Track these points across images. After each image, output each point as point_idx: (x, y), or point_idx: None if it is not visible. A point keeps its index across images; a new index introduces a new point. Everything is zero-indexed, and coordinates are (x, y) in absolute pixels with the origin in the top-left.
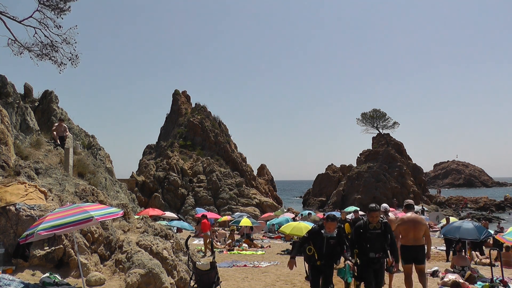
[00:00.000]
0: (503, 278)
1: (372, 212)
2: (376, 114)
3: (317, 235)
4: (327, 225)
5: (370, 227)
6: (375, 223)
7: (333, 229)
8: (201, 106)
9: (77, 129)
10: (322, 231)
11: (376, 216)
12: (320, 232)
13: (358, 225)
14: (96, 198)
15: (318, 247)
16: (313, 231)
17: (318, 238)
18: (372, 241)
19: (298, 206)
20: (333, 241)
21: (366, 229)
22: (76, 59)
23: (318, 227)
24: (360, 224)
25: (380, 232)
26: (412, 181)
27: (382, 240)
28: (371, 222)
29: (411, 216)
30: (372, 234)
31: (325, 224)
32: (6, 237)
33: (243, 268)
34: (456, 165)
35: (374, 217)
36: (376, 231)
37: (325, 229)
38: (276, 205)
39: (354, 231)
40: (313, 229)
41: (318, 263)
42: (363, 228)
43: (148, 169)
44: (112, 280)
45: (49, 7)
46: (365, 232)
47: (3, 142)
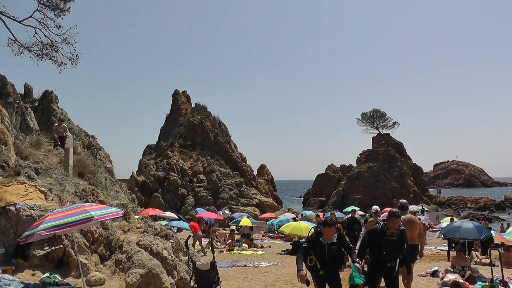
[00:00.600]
0: (503, 278)
1: (394, 218)
2: (376, 114)
3: (316, 243)
4: (324, 232)
5: (387, 233)
6: (394, 229)
7: (332, 235)
8: (201, 106)
9: (77, 129)
10: (321, 239)
11: (397, 222)
12: (319, 240)
13: (373, 229)
14: (96, 198)
15: (320, 256)
16: (311, 240)
17: (317, 246)
18: (386, 248)
19: (298, 206)
20: (334, 247)
21: (382, 234)
22: (76, 59)
23: (316, 235)
24: (376, 228)
25: (396, 240)
26: (412, 181)
27: (397, 248)
28: (389, 228)
29: (406, 217)
30: (388, 241)
31: (323, 231)
32: (6, 237)
33: (243, 268)
34: (456, 165)
35: (394, 223)
36: (392, 238)
37: (323, 236)
38: (276, 205)
39: (368, 235)
40: (311, 237)
41: (322, 272)
42: (379, 233)
43: (148, 169)
44: (112, 280)
45: (49, 7)
46: (380, 238)
47: (3, 142)
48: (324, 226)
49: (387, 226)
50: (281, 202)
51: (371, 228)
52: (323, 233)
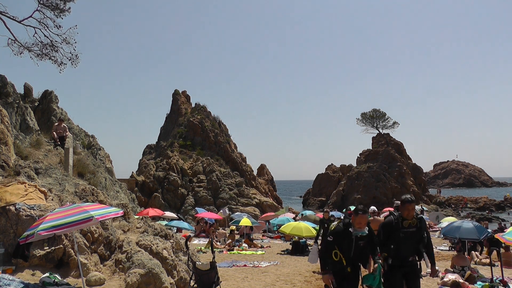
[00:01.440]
0: (503, 278)
1: (408, 204)
2: (376, 114)
3: (344, 236)
4: (356, 220)
5: (404, 224)
6: (411, 218)
7: (364, 225)
8: (201, 106)
9: (77, 129)
10: (351, 230)
11: (413, 209)
12: (348, 232)
13: (388, 222)
14: (96, 198)
15: (345, 251)
16: (338, 231)
17: (345, 239)
18: (406, 242)
19: (298, 206)
20: (362, 243)
21: (399, 226)
22: (76, 59)
23: (344, 226)
24: (391, 221)
25: (415, 231)
26: (412, 181)
27: (417, 240)
28: (405, 218)
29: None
30: (406, 233)
31: (354, 220)
32: (6, 237)
33: (243, 268)
34: (456, 165)
35: (410, 210)
36: (411, 230)
37: (353, 226)
38: (276, 205)
39: (383, 229)
40: (338, 228)
41: (349, 269)
42: (395, 226)
43: (148, 169)
44: (112, 280)
45: (49, 7)
46: (398, 231)
47: (3, 142)
48: (356, 214)
49: (403, 216)
50: (281, 202)
51: (385, 221)
52: (354, 222)
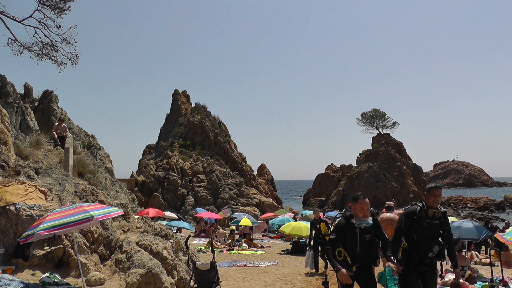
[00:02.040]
0: (503, 278)
1: (435, 190)
2: (376, 114)
3: (346, 230)
4: (358, 208)
5: (429, 213)
6: (436, 208)
7: (368, 212)
8: (201, 106)
9: (77, 129)
10: (353, 221)
11: (440, 195)
12: (351, 224)
13: (412, 210)
14: (96, 198)
15: (350, 247)
16: (340, 226)
17: (348, 233)
18: (428, 234)
19: (298, 206)
20: (368, 237)
21: (423, 216)
22: (76, 59)
23: (346, 219)
24: (415, 210)
25: (438, 224)
26: (412, 181)
27: (439, 234)
28: (431, 207)
29: (389, 216)
30: (430, 224)
31: (355, 209)
32: (6, 237)
33: (243, 268)
34: (456, 165)
35: (437, 196)
36: (434, 221)
37: (356, 216)
38: (276, 205)
39: (406, 217)
40: (339, 224)
41: (354, 268)
42: (419, 215)
43: (148, 169)
44: (112, 280)
45: (49, 7)
46: (421, 221)
47: (3, 142)
48: (355, 201)
49: (428, 204)
50: (281, 202)
51: (409, 209)
52: (356, 211)
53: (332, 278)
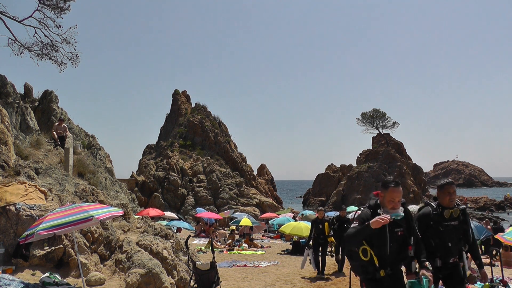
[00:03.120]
0: (503, 278)
1: (448, 187)
2: (376, 114)
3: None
4: (387, 197)
5: (445, 215)
6: (452, 207)
7: (399, 205)
8: (201, 106)
9: (77, 129)
10: (381, 212)
11: (455, 192)
12: (378, 215)
13: (425, 213)
14: (96, 198)
15: (377, 245)
16: (365, 217)
17: (375, 228)
18: (446, 238)
19: (298, 206)
20: (400, 231)
21: (439, 219)
22: (76, 59)
23: (371, 208)
24: (429, 212)
25: (458, 224)
26: (412, 181)
27: (459, 235)
28: (446, 207)
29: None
30: (448, 227)
31: (384, 197)
32: (6, 237)
33: (243, 268)
34: (456, 165)
35: (451, 194)
36: (453, 223)
37: (383, 207)
38: (276, 205)
39: (418, 223)
40: (364, 213)
41: (382, 273)
42: (434, 218)
43: (148, 169)
44: (112, 280)
45: (49, 7)
46: (438, 224)
47: (3, 142)
48: (386, 188)
49: (442, 204)
50: (281, 202)
51: (422, 212)
52: (385, 201)
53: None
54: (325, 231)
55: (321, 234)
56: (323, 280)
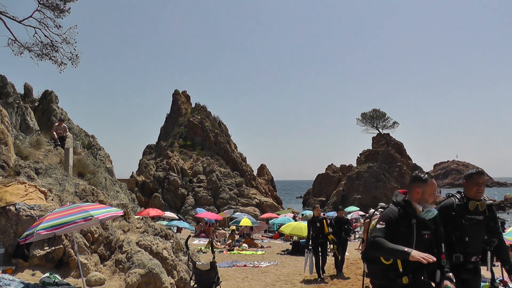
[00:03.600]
0: (503, 278)
1: (477, 177)
2: (376, 114)
3: (399, 222)
4: (429, 189)
5: (470, 207)
6: (479, 199)
7: (434, 200)
8: (201, 106)
9: (77, 129)
10: (419, 207)
11: (483, 184)
12: (407, 214)
13: (447, 204)
14: (96, 198)
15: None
16: (391, 215)
17: (401, 226)
18: (470, 233)
19: (298, 206)
20: (428, 234)
21: (463, 211)
22: (76, 59)
23: (399, 206)
24: (451, 203)
25: (483, 220)
26: None
27: (484, 233)
28: (472, 199)
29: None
30: (472, 221)
31: (425, 190)
32: (6, 237)
33: (243, 268)
34: (456, 165)
35: (480, 185)
36: (477, 217)
37: (422, 203)
38: (276, 205)
39: (441, 213)
40: (390, 211)
41: (405, 280)
42: (457, 210)
43: (148, 169)
44: (112, 280)
45: (49, 7)
46: (461, 217)
47: (3, 142)
48: (423, 181)
49: (468, 195)
50: (281, 202)
51: (444, 203)
52: (425, 194)
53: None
54: (324, 229)
55: (319, 233)
56: (323, 282)
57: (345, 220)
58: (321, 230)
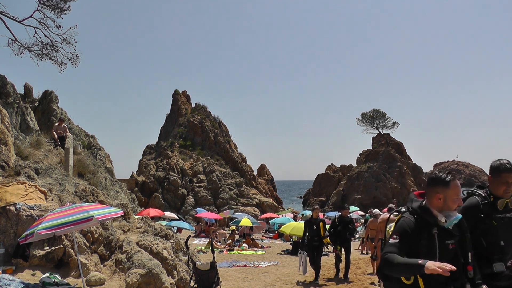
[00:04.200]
0: None
1: (506, 174)
2: (376, 114)
3: (418, 232)
4: (452, 192)
5: (499, 206)
6: (508, 197)
7: (459, 205)
8: (201, 106)
9: (77, 129)
10: (442, 218)
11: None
12: (427, 224)
13: (472, 204)
14: (96, 198)
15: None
16: (407, 225)
17: (421, 237)
18: (505, 236)
19: (298, 206)
20: (452, 243)
21: (491, 210)
22: (76, 59)
23: (416, 214)
24: (477, 202)
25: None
26: (412, 181)
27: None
28: (500, 196)
29: (387, 216)
30: (503, 219)
31: (447, 194)
32: (6, 237)
33: (243, 268)
34: (456, 165)
35: (509, 183)
36: (508, 215)
37: (444, 210)
38: (276, 205)
39: (466, 213)
40: (406, 221)
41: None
42: (484, 209)
43: (148, 169)
44: (112, 280)
45: (49, 7)
46: (489, 217)
47: (3, 142)
48: (445, 184)
49: (496, 193)
50: (281, 202)
51: (468, 204)
52: (448, 200)
53: None
54: (320, 232)
55: (315, 235)
56: (318, 286)
57: (349, 219)
58: (317, 233)
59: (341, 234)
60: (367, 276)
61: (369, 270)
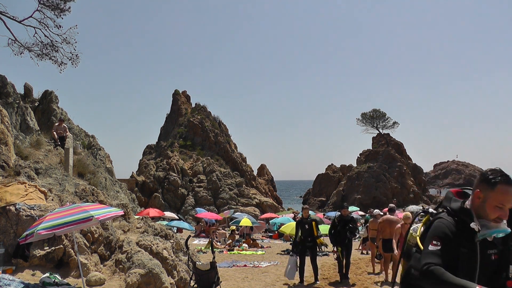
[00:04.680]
0: None
1: None
2: (376, 114)
3: (459, 239)
4: (495, 197)
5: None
6: None
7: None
8: (201, 106)
9: (77, 129)
10: (475, 225)
11: None
12: (469, 230)
13: None
14: (96, 198)
15: (464, 273)
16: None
17: (462, 246)
18: None
19: (298, 206)
20: (495, 254)
21: None
22: (76, 59)
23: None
24: None
25: None
26: (412, 181)
27: None
28: None
29: (389, 217)
30: None
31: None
32: (6, 237)
33: (243, 268)
34: (456, 165)
35: None
36: None
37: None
38: (276, 205)
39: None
40: (447, 228)
41: None
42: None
43: (148, 169)
44: (112, 280)
45: (49, 7)
46: None
47: (3, 142)
48: (490, 184)
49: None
50: (281, 202)
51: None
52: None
53: None
54: (313, 231)
55: (308, 236)
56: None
57: (349, 218)
58: (309, 233)
59: (340, 233)
60: (368, 276)
61: (369, 270)
